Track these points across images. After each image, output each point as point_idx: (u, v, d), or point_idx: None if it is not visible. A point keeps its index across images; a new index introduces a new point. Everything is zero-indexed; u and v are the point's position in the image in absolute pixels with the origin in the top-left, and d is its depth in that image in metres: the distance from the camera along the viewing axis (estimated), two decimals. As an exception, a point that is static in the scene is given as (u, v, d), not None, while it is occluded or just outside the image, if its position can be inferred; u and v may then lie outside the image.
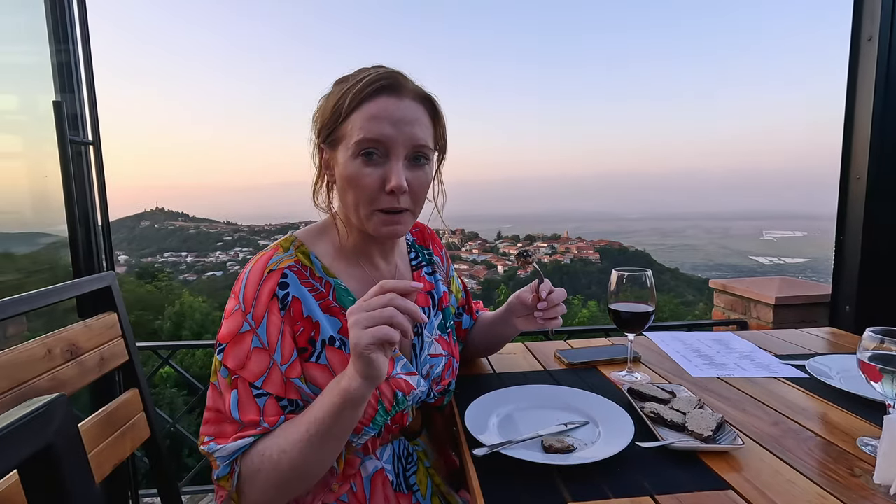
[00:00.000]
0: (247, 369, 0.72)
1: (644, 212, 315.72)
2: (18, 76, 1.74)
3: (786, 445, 0.78)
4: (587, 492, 0.66)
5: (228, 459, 0.71)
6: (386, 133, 0.74)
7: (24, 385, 0.75)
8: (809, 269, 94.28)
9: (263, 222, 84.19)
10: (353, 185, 0.77)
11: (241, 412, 0.71)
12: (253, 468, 0.71)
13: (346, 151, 0.76)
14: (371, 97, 0.75)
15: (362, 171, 0.75)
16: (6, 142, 1.90)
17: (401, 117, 0.75)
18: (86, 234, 1.51)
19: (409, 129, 0.76)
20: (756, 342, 1.32)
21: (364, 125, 0.74)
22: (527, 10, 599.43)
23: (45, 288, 0.86)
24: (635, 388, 0.95)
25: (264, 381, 0.72)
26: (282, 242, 0.82)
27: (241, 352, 0.73)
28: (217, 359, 0.74)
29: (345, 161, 0.77)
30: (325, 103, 0.80)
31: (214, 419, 0.74)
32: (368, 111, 0.75)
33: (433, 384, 0.89)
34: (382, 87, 0.75)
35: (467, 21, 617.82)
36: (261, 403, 0.72)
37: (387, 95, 0.75)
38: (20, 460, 0.36)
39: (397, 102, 0.76)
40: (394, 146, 0.75)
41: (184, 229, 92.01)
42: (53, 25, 1.47)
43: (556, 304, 0.93)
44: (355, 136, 0.75)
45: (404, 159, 0.77)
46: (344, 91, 0.76)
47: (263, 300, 0.74)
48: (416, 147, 0.77)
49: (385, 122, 0.74)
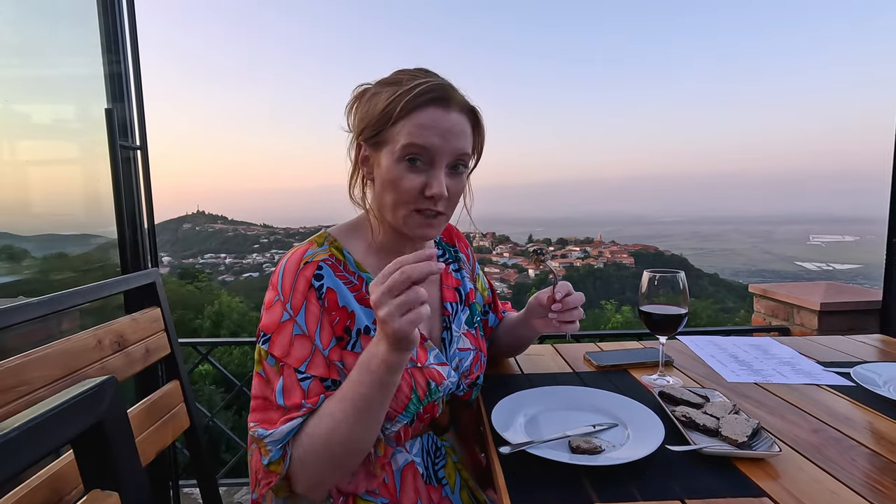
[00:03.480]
0: (291, 356, 0.75)
1: (682, 215, 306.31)
2: (75, 86, 1.86)
3: (827, 454, 0.75)
4: (615, 494, 0.65)
5: (280, 443, 0.73)
6: (433, 142, 0.77)
7: (77, 373, 0.80)
8: (861, 276, 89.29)
9: (298, 225, 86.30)
10: (394, 188, 0.79)
11: (286, 397, 0.74)
12: (304, 450, 0.73)
13: (391, 155, 0.78)
14: (422, 107, 0.77)
15: (406, 176, 0.78)
16: (64, 148, 2.02)
17: (448, 128, 0.78)
18: (133, 234, 1.59)
19: (454, 141, 0.79)
20: (798, 348, 1.26)
21: (413, 132, 0.77)
22: (575, 6, 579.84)
23: (95, 283, 0.91)
24: (667, 392, 0.93)
25: (308, 366, 0.75)
26: (315, 238, 0.85)
27: (285, 339, 0.76)
28: (262, 349, 0.77)
29: (389, 164, 0.79)
30: (372, 104, 0.81)
31: (261, 406, 0.76)
32: (418, 120, 0.77)
33: (462, 377, 0.90)
34: (434, 98, 0.78)
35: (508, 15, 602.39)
36: (305, 387, 0.75)
37: (436, 107, 0.78)
38: (75, 434, 0.39)
39: (445, 114, 0.78)
40: (438, 155, 0.78)
41: (223, 232, 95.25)
42: (106, 38, 1.56)
43: (572, 306, 0.91)
44: (402, 141, 0.77)
45: (445, 167, 0.80)
46: (395, 96, 0.77)
47: (301, 289, 0.77)
48: (458, 157, 0.81)
49: (433, 132, 0.77)
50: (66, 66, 1.83)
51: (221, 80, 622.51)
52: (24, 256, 2.13)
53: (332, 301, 0.79)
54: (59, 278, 2.25)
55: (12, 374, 0.69)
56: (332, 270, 0.81)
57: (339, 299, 0.80)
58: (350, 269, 0.83)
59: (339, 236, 0.87)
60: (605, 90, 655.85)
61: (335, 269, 0.81)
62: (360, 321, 0.80)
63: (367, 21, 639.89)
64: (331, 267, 0.81)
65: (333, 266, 0.81)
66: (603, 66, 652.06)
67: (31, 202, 2.00)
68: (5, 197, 1.96)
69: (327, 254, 0.82)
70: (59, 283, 2.20)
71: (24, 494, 0.55)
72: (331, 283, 0.80)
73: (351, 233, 0.89)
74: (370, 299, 0.67)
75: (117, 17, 1.56)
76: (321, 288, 0.79)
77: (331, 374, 0.77)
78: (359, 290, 0.82)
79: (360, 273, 0.84)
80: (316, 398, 0.75)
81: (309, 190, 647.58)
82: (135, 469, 0.46)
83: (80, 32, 1.62)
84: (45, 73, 1.84)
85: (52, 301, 0.79)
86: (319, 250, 0.82)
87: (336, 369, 0.78)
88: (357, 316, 0.80)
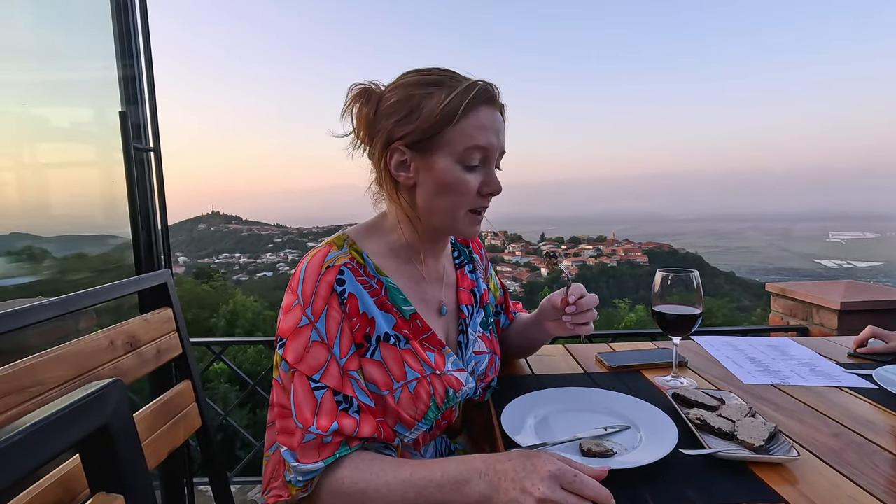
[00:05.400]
0: (304, 363, 0.73)
1: (697, 213, 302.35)
2: (91, 90, 1.89)
3: (847, 459, 0.72)
4: (627, 498, 0.64)
5: (303, 479, 0.71)
6: (492, 142, 0.80)
7: (90, 373, 0.81)
8: (882, 274, 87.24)
9: (311, 224, 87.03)
10: (455, 190, 0.79)
11: (298, 412, 0.72)
12: (340, 491, 0.70)
13: (451, 157, 0.78)
14: (479, 107, 0.78)
15: (466, 177, 0.79)
16: (81, 151, 2.06)
17: (499, 128, 0.81)
18: (147, 235, 1.61)
19: (502, 139, 0.83)
20: (817, 349, 1.23)
21: (475, 133, 0.78)
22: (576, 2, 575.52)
23: (108, 284, 0.93)
24: (681, 394, 0.91)
25: (322, 375, 0.73)
26: (334, 240, 0.83)
27: (300, 345, 0.74)
28: (278, 353, 0.76)
29: (447, 166, 0.78)
30: (410, 108, 0.78)
31: (279, 414, 0.75)
32: (478, 120, 0.78)
33: (478, 381, 0.90)
34: (488, 98, 0.79)
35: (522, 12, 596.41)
36: (318, 397, 0.72)
37: (488, 106, 0.79)
38: (81, 437, 0.39)
39: (495, 113, 0.81)
40: (493, 154, 0.81)
41: (237, 232, 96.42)
42: (120, 42, 1.58)
43: (585, 308, 0.90)
44: (466, 143, 0.77)
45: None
46: (451, 98, 0.76)
47: (323, 294, 0.75)
48: (502, 154, 0.84)
49: (490, 131, 0.79)
50: (82, 70, 1.86)
51: (229, 79, 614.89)
52: (45, 257, 2.17)
53: (354, 307, 0.78)
54: (76, 278, 2.29)
55: (26, 375, 0.70)
56: (354, 275, 0.79)
57: (360, 305, 0.78)
58: (370, 273, 0.81)
59: (356, 238, 0.85)
60: (609, 86, 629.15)
61: (356, 273, 0.79)
62: (379, 328, 0.79)
63: (369, 16, 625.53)
64: (352, 271, 0.79)
65: (354, 270, 0.79)
66: (601, 61, 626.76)
67: (50, 204, 2.04)
68: (26, 199, 2.00)
69: (348, 257, 0.80)
70: (76, 283, 2.25)
71: (37, 494, 0.56)
72: (352, 288, 0.78)
73: (368, 234, 0.87)
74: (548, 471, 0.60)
75: (131, 22, 1.58)
76: (343, 293, 0.77)
77: (344, 389, 0.74)
78: (378, 295, 0.81)
79: (379, 276, 0.82)
80: (330, 420, 0.71)
81: (320, 190, 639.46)
82: (140, 471, 0.46)
83: (95, 37, 1.65)
84: (62, 77, 1.88)
85: (64, 302, 0.80)
86: (340, 253, 0.80)
87: (349, 384, 0.75)
88: (377, 322, 0.79)
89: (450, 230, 0.85)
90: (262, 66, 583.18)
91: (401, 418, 0.78)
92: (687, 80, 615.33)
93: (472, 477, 0.64)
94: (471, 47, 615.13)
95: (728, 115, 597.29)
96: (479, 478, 0.63)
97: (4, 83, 1.73)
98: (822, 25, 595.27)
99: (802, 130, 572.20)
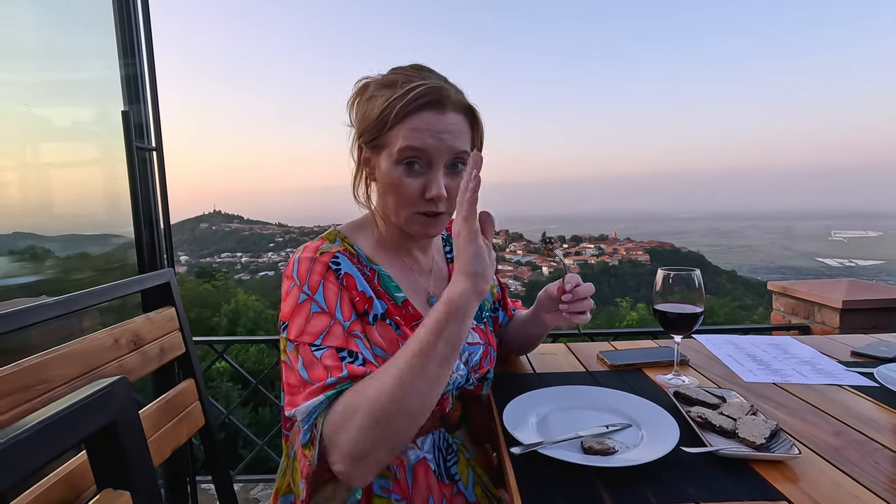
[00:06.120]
0: (306, 333, 0.73)
1: (699, 211, 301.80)
2: (94, 89, 1.89)
3: (849, 457, 0.72)
4: (629, 496, 0.64)
5: (307, 421, 0.68)
6: (429, 144, 0.77)
7: (94, 371, 0.82)
8: (884, 272, 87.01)
9: (312, 224, 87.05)
10: (394, 191, 0.80)
11: (309, 372, 0.71)
12: (346, 412, 0.66)
13: (389, 158, 0.79)
14: (416, 111, 0.77)
15: (404, 180, 0.79)
16: (84, 150, 2.07)
17: (443, 129, 0.78)
18: (149, 234, 1.62)
19: (450, 141, 0.79)
20: (818, 348, 1.23)
21: (408, 135, 0.77)
22: (576, 3, 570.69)
23: (112, 283, 0.93)
24: (682, 392, 0.91)
25: (324, 338, 0.73)
26: (327, 235, 0.87)
27: (302, 319, 0.74)
28: (283, 338, 0.77)
29: (387, 168, 0.80)
30: (367, 109, 0.82)
31: (288, 391, 0.75)
32: (413, 124, 0.77)
33: (472, 371, 0.90)
34: (428, 101, 0.78)
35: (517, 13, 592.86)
36: (319, 356, 0.71)
37: (430, 110, 0.78)
38: (87, 434, 0.40)
39: (440, 117, 0.78)
40: (436, 156, 0.79)
41: (239, 231, 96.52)
42: (122, 41, 1.58)
43: (582, 296, 0.91)
44: (399, 145, 0.78)
45: (444, 167, 0.80)
46: (389, 102, 0.78)
47: (318, 271, 0.77)
48: (455, 156, 0.81)
49: (428, 134, 0.77)
50: (84, 70, 1.86)
51: (228, 78, 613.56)
52: (48, 256, 2.18)
53: (352, 284, 0.80)
54: (79, 277, 2.30)
55: (31, 373, 0.70)
56: (349, 260, 0.82)
57: (358, 284, 0.80)
58: (363, 262, 0.84)
59: (348, 233, 0.88)
60: (608, 87, 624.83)
61: (350, 259, 0.82)
62: (376, 308, 0.81)
63: (369, 15, 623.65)
64: (346, 257, 0.82)
65: (349, 257, 0.82)
66: (602, 62, 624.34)
67: (53, 203, 2.04)
68: (29, 198, 2.01)
69: (341, 248, 0.83)
70: (79, 282, 2.25)
71: (43, 491, 0.56)
72: (348, 269, 0.80)
73: (359, 230, 0.90)
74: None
75: (132, 21, 1.59)
76: (339, 272, 0.79)
77: (348, 345, 0.73)
78: (371, 281, 0.83)
79: (371, 265, 0.85)
80: (338, 370, 0.69)
81: (320, 189, 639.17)
82: (147, 468, 0.46)
83: (97, 36, 1.65)
84: (64, 77, 1.88)
85: (67, 301, 0.81)
86: (333, 245, 0.83)
87: (354, 342, 0.74)
88: (374, 303, 0.81)
89: (403, 229, 0.85)
90: (261, 65, 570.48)
91: None
92: (687, 80, 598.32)
93: (451, 299, 0.67)
94: (469, 47, 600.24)
95: (728, 114, 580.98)
96: (454, 296, 0.67)
97: (7, 83, 1.74)
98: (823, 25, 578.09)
99: (803, 129, 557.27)
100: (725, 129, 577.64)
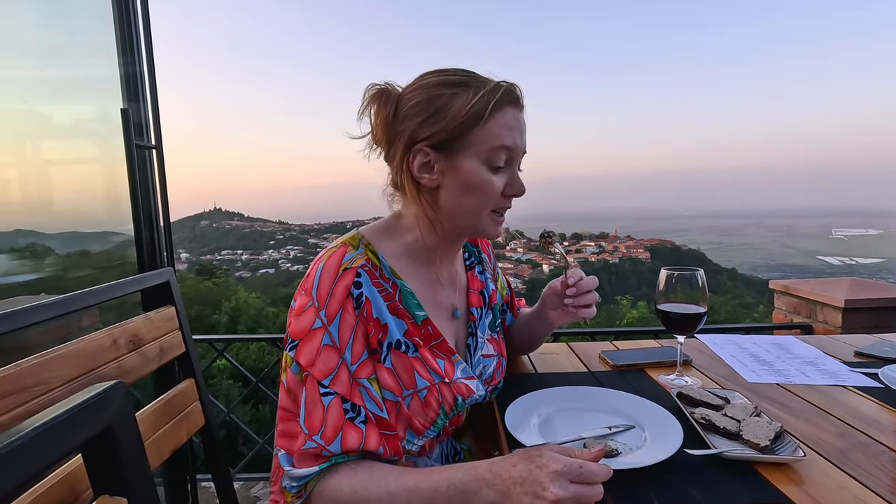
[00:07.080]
0: (315, 367, 0.72)
1: (699, 209, 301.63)
2: (94, 87, 1.88)
3: (854, 459, 0.72)
4: (632, 499, 0.64)
5: (297, 484, 0.70)
6: (517, 143, 0.79)
7: (93, 372, 0.81)
8: (885, 270, 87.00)
9: (313, 221, 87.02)
10: (480, 190, 0.79)
11: (307, 417, 0.70)
12: (339, 498, 0.68)
13: (475, 157, 0.77)
14: (504, 107, 0.77)
15: (491, 178, 0.79)
16: (84, 148, 2.06)
17: (523, 129, 0.81)
18: (149, 232, 1.61)
19: (526, 140, 0.82)
20: (822, 347, 1.22)
21: (501, 134, 0.77)
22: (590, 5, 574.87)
23: (111, 283, 0.92)
24: (685, 393, 0.90)
25: (332, 380, 0.71)
26: (349, 240, 0.81)
27: (313, 348, 0.72)
28: (288, 355, 0.74)
29: (473, 167, 0.77)
30: (436, 107, 0.76)
31: (282, 417, 0.74)
32: (504, 120, 0.77)
33: (485, 384, 0.89)
34: (513, 98, 0.79)
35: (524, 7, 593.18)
36: (326, 403, 0.71)
37: (512, 107, 0.79)
38: (83, 440, 0.39)
39: (519, 114, 0.81)
40: (517, 155, 0.81)
41: (239, 228, 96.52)
42: (121, 38, 1.57)
43: (586, 290, 0.90)
44: (492, 144, 0.77)
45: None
46: (478, 98, 0.75)
47: (338, 297, 0.74)
48: (523, 155, 0.83)
49: (516, 131, 0.79)
50: (84, 68, 1.85)
51: (229, 73, 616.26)
52: (48, 254, 2.18)
53: (369, 311, 0.76)
54: (79, 275, 2.30)
55: (29, 374, 0.70)
56: (370, 277, 0.77)
57: (374, 310, 0.77)
58: (385, 276, 0.80)
59: (372, 238, 0.83)
60: (613, 87, 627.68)
61: (371, 275, 0.78)
62: (392, 335, 0.78)
63: (370, 8, 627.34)
64: (368, 274, 0.77)
65: (370, 272, 0.78)
66: (606, 55, 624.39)
67: (53, 201, 2.04)
68: (30, 196, 2.01)
69: (364, 258, 0.78)
70: (80, 280, 2.25)
71: (40, 494, 0.56)
72: (368, 292, 0.76)
73: (384, 235, 0.85)
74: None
75: (132, 18, 1.57)
76: (360, 297, 0.75)
77: (352, 397, 0.72)
78: (392, 300, 0.79)
79: (394, 279, 0.80)
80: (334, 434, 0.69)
81: (322, 187, 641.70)
82: (144, 474, 0.46)
83: (96, 34, 1.64)
84: (64, 75, 1.87)
85: (66, 301, 0.80)
86: (356, 254, 0.78)
87: (359, 392, 0.73)
88: (389, 329, 0.78)
89: (473, 231, 0.84)
90: (262, 61, 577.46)
91: (411, 425, 0.78)
92: (688, 80, 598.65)
93: (480, 487, 0.62)
94: (472, 39, 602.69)
95: (728, 114, 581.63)
96: (486, 488, 0.62)
97: (7, 81, 1.73)
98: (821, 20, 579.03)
99: (803, 128, 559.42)
100: (725, 129, 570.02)
